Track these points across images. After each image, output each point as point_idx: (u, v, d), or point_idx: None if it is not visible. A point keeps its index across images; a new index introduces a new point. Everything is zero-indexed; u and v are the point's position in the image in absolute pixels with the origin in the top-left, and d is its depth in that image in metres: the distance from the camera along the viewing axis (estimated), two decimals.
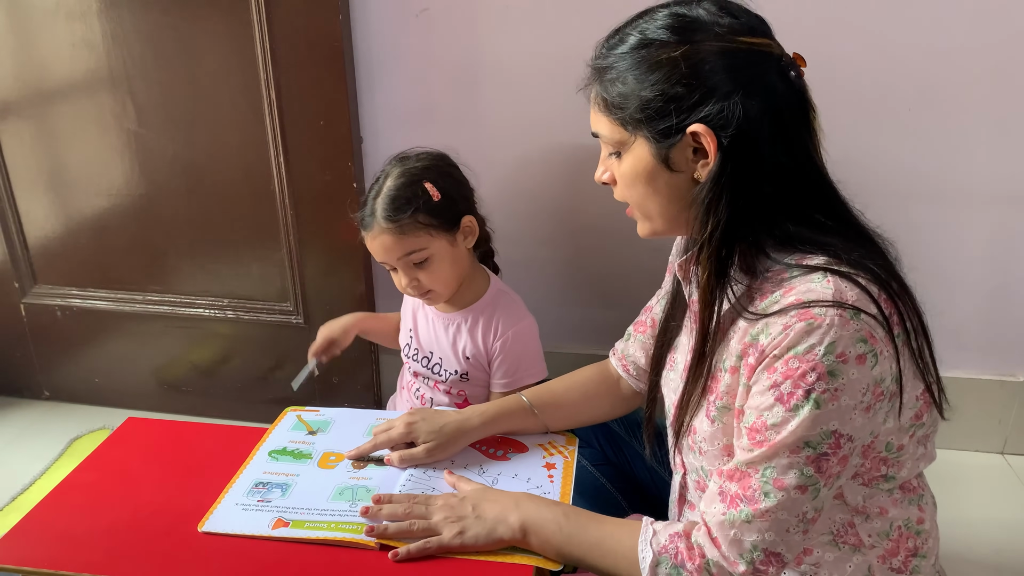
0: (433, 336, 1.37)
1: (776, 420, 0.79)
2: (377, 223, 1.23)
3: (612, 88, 0.85)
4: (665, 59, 0.81)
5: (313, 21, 1.47)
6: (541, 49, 1.50)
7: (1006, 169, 1.48)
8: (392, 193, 1.23)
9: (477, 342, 1.32)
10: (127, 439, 1.17)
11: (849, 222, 0.87)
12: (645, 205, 0.89)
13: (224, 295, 1.76)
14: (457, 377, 1.34)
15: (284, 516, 0.98)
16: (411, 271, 1.26)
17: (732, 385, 0.86)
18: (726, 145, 0.80)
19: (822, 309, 0.76)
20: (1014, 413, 1.66)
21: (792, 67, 0.83)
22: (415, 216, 1.22)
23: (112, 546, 0.94)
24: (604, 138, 0.89)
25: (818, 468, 0.79)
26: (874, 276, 0.80)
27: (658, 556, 0.85)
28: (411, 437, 1.07)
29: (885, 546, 0.88)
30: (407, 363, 1.43)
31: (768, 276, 0.84)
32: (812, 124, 0.85)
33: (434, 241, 1.24)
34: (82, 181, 1.70)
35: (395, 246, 1.23)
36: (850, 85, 1.44)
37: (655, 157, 0.85)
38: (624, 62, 0.84)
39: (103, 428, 1.84)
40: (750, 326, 0.82)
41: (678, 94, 0.81)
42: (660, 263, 1.15)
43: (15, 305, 1.85)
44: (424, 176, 1.24)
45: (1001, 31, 1.37)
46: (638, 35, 0.84)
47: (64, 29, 1.56)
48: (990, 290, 1.59)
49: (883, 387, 0.79)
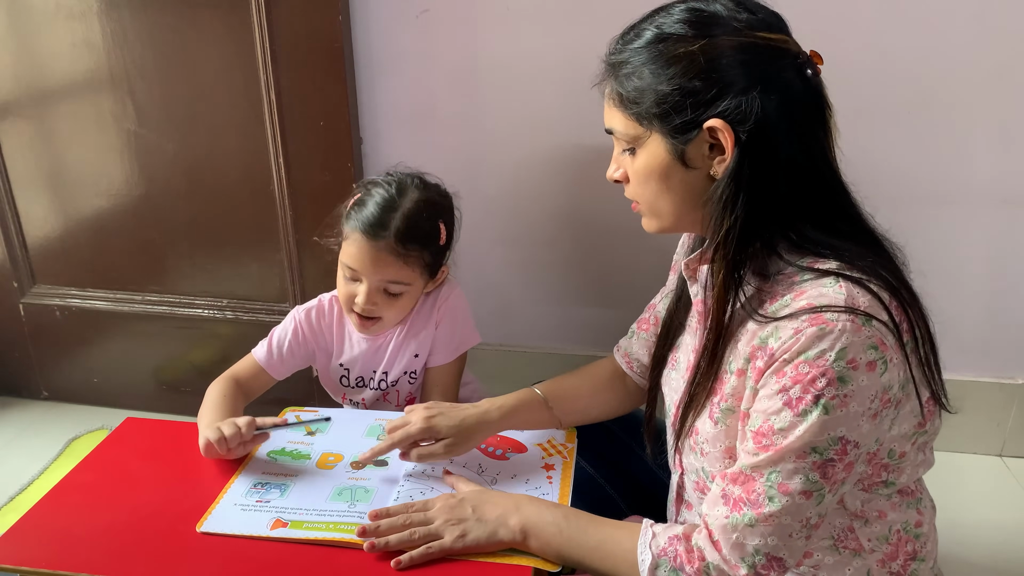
0: (369, 355, 1.30)
1: (783, 425, 0.78)
2: (387, 239, 1.16)
3: (628, 83, 0.84)
4: (683, 53, 0.80)
5: (313, 22, 1.47)
6: (541, 50, 1.50)
7: (1006, 171, 1.48)
8: (415, 219, 1.17)
9: (420, 336, 1.28)
10: (126, 439, 1.17)
11: (860, 225, 0.87)
12: (657, 203, 0.89)
13: (223, 295, 1.76)
14: (407, 379, 1.30)
15: (283, 516, 0.98)
16: (378, 295, 1.19)
17: (738, 388, 0.85)
18: (744, 141, 0.80)
19: (834, 314, 0.76)
20: (1013, 415, 1.66)
21: (809, 64, 0.82)
22: (422, 252, 1.19)
23: (110, 546, 0.94)
24: (619, 134, 0.88)
25: (824, 474, 0.78)
26: (885, 283, 0.80)
27: (657, 559, 0.85)
28: (430, 433, 1.04)
29: (884, 550, 0.88)
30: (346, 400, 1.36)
31: (779, 279, 0.84)
32: (828, 123, 0.84)
33: (418, 280, 1.21)
34: (82, 181, 1.70)
35: (388, 269, 1.17)
36: (851, 87, 1.43)
37: (671, 153, 0.84)
38: (640, 56, 0.83)
39: (102, 428, 1.83)
40: (759, 329, 0.82)
41: (695, 88, 0.80)
42: (663, 263, 1.16)
43: (14, 305, 1.84)
44: (442, 215, 1.22)
45: (1002, 33, 1.38)
46: (655, 30, 0.83)
47: (64, 29, 1.56)
48: (989, 292, 1.59)
49: (891, 394, 0.79)
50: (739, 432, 0.86)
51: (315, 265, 1.67)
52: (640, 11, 0.87)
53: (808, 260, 0.83)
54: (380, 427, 1.18)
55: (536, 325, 1.77)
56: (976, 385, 1.64)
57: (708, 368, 0.89)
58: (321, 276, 1.67)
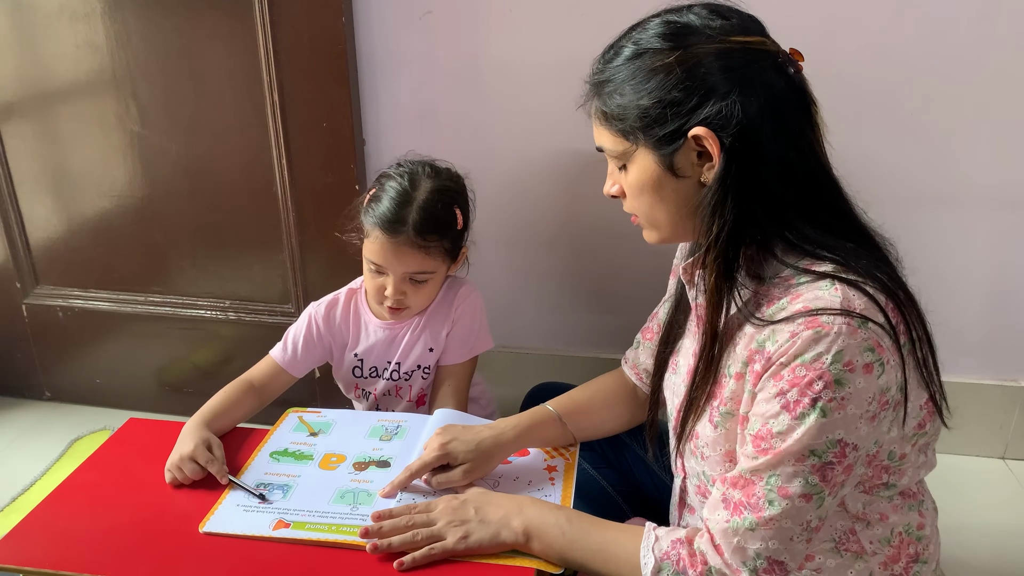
0: (384, 345, 1.32)
1: (782, 428, 0.78)
2: (406, 233, 1.17)
3: (611, 100, 0.86)
4: (660, 66, 0.82)
5: (317, 23, 1.47)
6: (544, 52, 1.50)
7: (1008, 173, 1.48)
8: (431, 210, 1.19)
9: (436, 331, 1.30)
10: (128, 440, 1.17)
11: (853, 221, 0.87)
12: (653, 214, 0.90)
13: (226, 296, 1.76)
14: (420, 373, 1.32)
15: (285, 517, 0.98)
16: (405, 285, 1.22)
17: (737, 391, 0.86)
18: (728, 145, 0.80)
19: (830, 317, 0.76)
20: (1015, 418, 1.66)
21: (789, 62, 0.83)
22: (442, 241, 1.20)
23: (113, 546, 0.94)
24: (608, 151, 0.90)
25: (823, 477, 0.79)
26: (881, 285, 0.80)
27: (660, 562, 0.85)
28: (447, 459, 1.03)
29: (886, 552, 0.88)
30: (357, 392, 1.37)
31: (776, 282, 0.84)
32: (814, 118, 0.85)
33: (442, 266, 1.24)
34: (85, 182, 1.70)
35: (412, 262, 1.19)
36: (852, 89, 1.44)
37: (660, 164, 0.85)
38: (621, 74, 0.85)
39: (104, 429, 1.84)
40: (756, 332, 0.82)
41: (675, 99, 0.81)
42: (664, 266, 1.16)
43: (17, 305, 1.85)
44: (457, 200, 1.23)
45: (1003, 34, 1.37)
46: (632, 46, 0.85)
47: (68, 30, 1.57)
48: (991, 294, 1.58)
49: (888, 396, 0.79)
50: (739, 436, 0.86)
51: (317, 266, 1.67)
52: (641, 14, 0.88)
53: (805, 262, 0.83)
54: (383, 428, 1.18)
55: (537, 327, 1.77)
56: (979, 388, 1.64)
57: (706, 372, 0.89)
58: (324, 277, 1.68)
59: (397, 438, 1.15)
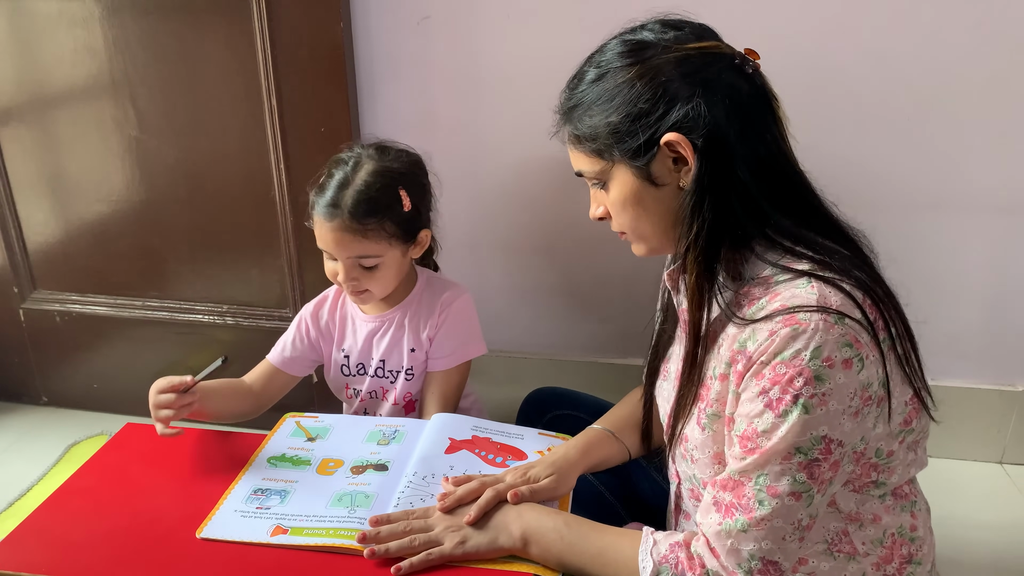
0: (368, 341, 1.32)
1: (766, 426, 0.79)
2: (341, 218, 1.16)
3: (581, 123, 0.88)
4: (623, 82, 0.85)
5: (314, 28, 1.47)
6: (541, 57, 1.50)
7: (1005, 178, 1.48)
8: (366, 192, 1.17)
9: (418, 331, 1.29)
10: (126, 445, 1.17)
11: (825, 214, 0.89)
12: (638, 227, 0.92)
13: (223, 301, 1.76)
14: (404, 375, 1.31)
15: (283, 523, 0.98)
16: (355, 270, 1.21)
17: (722, 392, 0.87)
18: (700, 146, 0.83)
19: (807, 314, 0.78)
20: (1012, 422, 1.66)
21: (746, 62, 0.86)
22: (382, 223, 1.18)
23: (110, 552, 0.94)
24: (586, 173, 0.92)
25: (810, 474, 0.79)
26: (859, 282, 0.82)
27: (659, 566, 0.85)
28: (526, 479, 1.00)
29: (879, 553, 0.89)
30: (348, 392, 1.36)
31: (756, 281, 0.86)
32: (776, 112, 0.87)
33: (390, 250, 1.21)
34: (82, 187, 1.70)
35: (352, 246, 1.18)
36: (848, 94, 1.44)
37: (638, 177, 0.87)
38: (588, 96, 0.88)
39: (101, 434, 1.83)
40: (739, 332, 0.84)
41: (642, 111, 0.84)
42: (662, 271, 1.16)
43: (14, 310, 1.84)
44: (401, 181, 1.20)
45: (1000, 40, 1.38)
46: (595, 69, 0.88)
47: (66, 35, 1.57)
48: (989, 299, 1.59)
49: (870, 392, 0.80)
50: (726, 437, 0.86)
51: (316, 271, 1.67)
52: (637, 17, 0.90)
53: (785, 260, 0.85)
54: (380, 432, 1.18)
55: (534, 331, 1.77)
56: (976, 392, 1.64)
57: (691, 373, 0.90)
58: (322, 281, 1.67)
59: (395, 442, 1.15)
